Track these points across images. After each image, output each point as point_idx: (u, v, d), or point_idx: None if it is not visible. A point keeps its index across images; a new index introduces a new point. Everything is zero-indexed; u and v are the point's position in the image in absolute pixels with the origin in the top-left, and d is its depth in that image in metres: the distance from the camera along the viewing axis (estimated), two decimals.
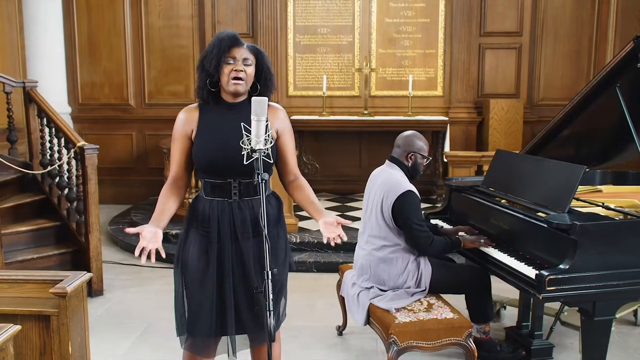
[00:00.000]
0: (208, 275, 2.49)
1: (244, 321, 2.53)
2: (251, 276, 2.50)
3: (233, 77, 2.43)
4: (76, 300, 2.25)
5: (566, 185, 3.19)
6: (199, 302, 2.51)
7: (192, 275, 2.52)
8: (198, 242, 2.53)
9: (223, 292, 2.51)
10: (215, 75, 2.45)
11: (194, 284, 2.52)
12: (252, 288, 2.48)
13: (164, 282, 5.17)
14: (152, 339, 4.02)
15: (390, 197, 3.23)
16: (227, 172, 2.46)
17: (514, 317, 4.09)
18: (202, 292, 2.50)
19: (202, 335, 2.55)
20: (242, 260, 2.50)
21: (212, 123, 2.50)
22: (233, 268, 2.50)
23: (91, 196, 4.62)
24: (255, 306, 2.16)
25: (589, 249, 2.87)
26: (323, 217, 2.42)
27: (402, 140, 3.45)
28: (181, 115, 2.57)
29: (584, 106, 3.64)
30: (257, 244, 2.50)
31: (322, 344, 3.91)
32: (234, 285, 2.50)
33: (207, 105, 2.54)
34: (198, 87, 2.54)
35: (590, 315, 2.95)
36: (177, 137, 2.55)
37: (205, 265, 2.50)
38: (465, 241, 3.41)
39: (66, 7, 7.81)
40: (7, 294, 2.32)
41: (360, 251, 3.48)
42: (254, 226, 2.49)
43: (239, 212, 2.49)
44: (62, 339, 2.20)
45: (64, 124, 4.93)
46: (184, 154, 2.55)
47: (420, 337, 3.01)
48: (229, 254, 2.49)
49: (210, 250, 2.49)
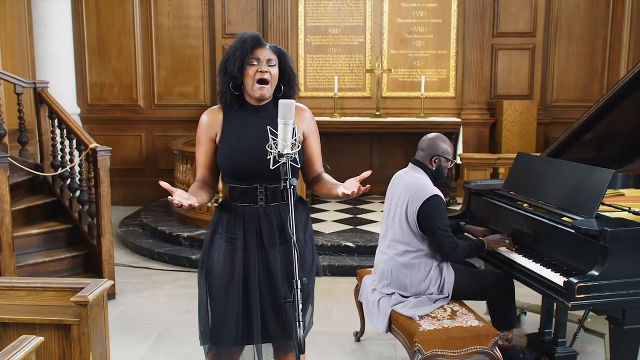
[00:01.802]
0: (233, 283, 2.42)
1: (270, 330, 2.46)
2: (278, 283, 2.43)
3: (258, 79, 2.36)
4: (97, 309, 2.19)
5: (593, 190, 3.11)
6: (224, 310, 2.44)
7: (217, 283, 2.45)
8: (223, 248, 2.46)
9: (249, 300, 2.44)
10: (239, 77, 2.38)
11: (219, 291, 2.45)
12: (279, 296, 2.42)
13: (176, 286, 5.11)
14: (167, 344, 3.95)
15: (415, 202, 3.15)
16: (252, 177, 2.39)
17: (534, 322, 4.02)
18: (227, 300, 2.43)
19: (227, 344, 2.48)
20: (269, 267, 2.43)
21: (236, 126, 2.43)
22: (259, 275, 2.43)
23: (103, 199, 4.56)
24: (284, 316, 2.09)
25: (620, 256, 2.79)
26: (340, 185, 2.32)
27: (426, 143, 3.36)
28: (204, 118, 2.50)
29: (608, 109, 3.56)
30: (283, 251, 2.43)
31: (341, 351, 3.84)
32: (260, 293, 2.43)
33: (230, 108, 2.47)
34: (220, 91, 2.47)
35: (619, 323, 2.87)
36: (201, 140, 2.49)
37: (231, 272, 2.43)
38: (489, 242, 3.34)
39: (75, 7, 7.77)
40: (26, 302, 2.26)
41: (381, 256, 3.40)
42: (280, 232, 2.42)
43: (265, 218, 2.42)
44: (83, 349, 2.13)
45: (76, 126, 4.88)
46: (209, 157, 2.49)
47: (445, 345, 2.94)
48: (255, 261, 2.42)
49: (236, 257, 2.43)
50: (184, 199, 2.19)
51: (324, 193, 2.51)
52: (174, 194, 2.17)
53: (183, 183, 6.40)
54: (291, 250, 2.45)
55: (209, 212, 6.09)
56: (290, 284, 2.44)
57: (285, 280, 2.45)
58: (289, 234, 2.45)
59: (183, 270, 5.49)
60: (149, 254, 5.87)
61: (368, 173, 2.22)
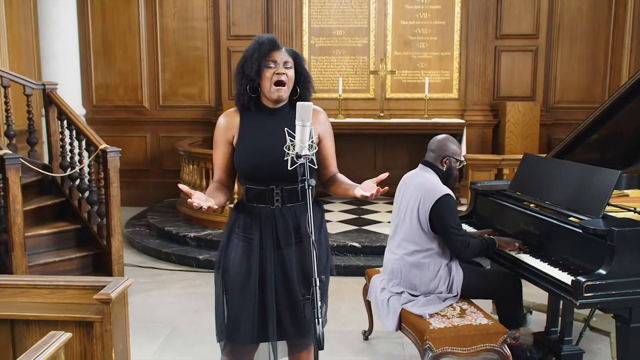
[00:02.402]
0: (250, 282, 2.46)
1: (286, 328, 2.51)
2: (293, 283, 2.48)
3: (275, 81, 2.40)
4: (118, 307, 2.24)
5: (600, 190, 3.16)
6: (240, 309, 2.48)
7: (234, 282, 2.49)
8: (240, 248, 2.50)
9: (265, 299, 2.48)
10: (257, 80, 2.42)
11: (236, 290, 2.49)
12: (294, 295, 2.47)
13: (184, 285, 5.16)
14: (177, 343, 4.00)
15: (427, 201, 3.20)
16: (269, 179, 2.44)
17: (539, 322, 4.07)
18: (243, 299, 2.48)
19: (243, 342, 2.52)
20: (284, 267, 2.48)
21: (253, 129, 2.48)
22: (275, 275, 2.47)
23: (113, 199, 4.61)
24: (303, 314, 2.13)
25: (627, 255, 2.84)
26: (357, 187, 2.37)
27: (436, 144, 3.41)
28: (221, 120, 2.54)
29: (613, 111, 3.61)
30: (299, 251, 2.48)
31: (349, 349, 3.89)
32: (276, 292, 2.48)
33: (247, 110, 2.51)
34: (237, 94, 2.51)
35: (626, 321, 2.92)
36: (218, 143, 2.53)
37: (247, 271, 2.48)
38: (500, 242, 3.39)
39: (81, 9, 7.83)
40: (48, 300, 2.31)
41: (390, 255, 3.45)
42: (296, 233, 2.47)
43: (281, 219, 2.46)
44: (105, 345, 2.18)
45: (85, 127, 4.93)
46: (226, 159, 2.53)
47: (455, 343, 2.99)
48: (271, 261, 2.47)
49: (252, 257, 2.47)
50: (202, 201, 2.23)
51: (340, 194, 2.56)
52: (192, 196, 2.21)
53: (189, 184, 6.46)
54: (306, 250, 2.51)
55: (216, 213, 6.15)
56: (305, 283, 2.49)
57: (301, 279, 2.50)
58: (305, 234, 2.51)
59: (190, 270, 5.54)
60: (156, 254, 5.92)
61: (385, 175, 2.27)
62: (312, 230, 2.11)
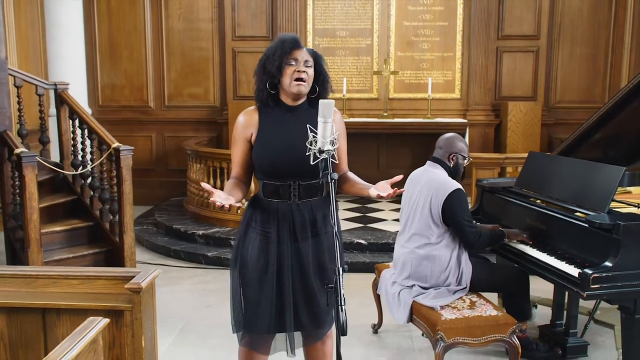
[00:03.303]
0: (267, 274, 2.55)
1: (302, 319, 2.59)
2: (309, 275, 2.57)
3: (296, 78, 2.49)
4: (147, 296, 2.33)
5: (605, 186, 3.26)
6: (258, 300, 2.56)
7: (251, 274, 2.57)
8: (257, 242, 2.58)
9: (282, 291, 2.57)
10: (278, 76, 2.51)
11: (253, 282, 2.57)
12: (310, 286, 2.56)
13: (194, 282, 5.25)
14: (190, 337, 4.09)
15: (440, 196, 3.30)
16: (287, 174, 2.52)
17: (545, 315, 4.17)
18: (261, 291, 2.56)
19: (260, 332, 2.61)
20: (301, 260, 2.56)
21: (272, 126, 2.56)
22: (292, 267, 2.56)
23: (126, 196, 4.70)
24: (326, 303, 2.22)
25: (632, 248, 2.94)
26: (372, 187, 2.46)
27: (444, 141, 3.52)
28: (241, 118, 2.62)
29: (616, 110, 3.71)
30: (315, 244, 2.57)
31: (360, 342, 3.98)
32: (293, 284, 2.56)
33: (266, 107, 2.59)
34: (258, 90, 2.59)
35: (631, 312, 3.02)
36: (237, 140, 2.61)
37: (265, 264, 2.56)
38: (510, 233, 3.50)
39: (87, 10, 7.92)
40: (78, 290, 2.40)
41: (401, 250, 3.55)
42: (312, 226, 2.56)
43: (298, 214, 2.55)
44: (135, 333, 2.27)
45: (98, 126, 5.01)
46: (245, 156, 2.61)
47: (466, 333, 3.09)
48: (288, 254, 2.55)
49: (270, 250, 2.55)
50: (223, 199, 2.31)
51: (353, 192, 2.65)
52: (213, 194, 2.29)
53: (197, 183, 6.55)
54: (321, 243, 2.61)
55: (223, 211, 6.22)
56: (320, 274, 2.59)
57: (316, 271, 2.59)
58: (320, 228, 2.61)
59: (199, 267, 5.64)
60: (164, 252, 6.01)
61: (400, 177, 2.38)
62: (335, 222, 2.20)
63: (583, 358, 3.73)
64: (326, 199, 2.62)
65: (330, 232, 2.62)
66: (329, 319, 2.70)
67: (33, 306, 2.35)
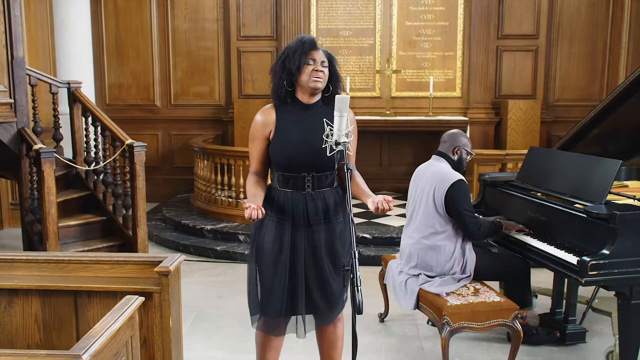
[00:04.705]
0: (281, 259, 2.72)
1: (315, 301, 2.76)
2: (322, 260, 2.73)
3: (313, 76, 2.66)
4: (174, 279, 2.48)
5: (602, 178, 3.42)
6: (272, 284, 2.73)
7: (266, 260, 2.74)
8: (273, 229, 2.74)
9: (295, 275, 2.73)
10: (296, 74, 2.67)
11: (268, 267, 2.74)
12: (323, 271, 2.73)
13: (204, 275, 5.40)
14: (204, 326, 4.25)
15: (442, 186, 3.47)
16: (302, 167, 2.69)
17: (544, 305, 4.33)
18: (275, 274, 2.72)
19: (274, 315, 2.77)
20: (314, 244, 2.73)
21: (289, 123, 2.72)
22: (305, 252, 2.73)
23: (139, 191, 4.86)
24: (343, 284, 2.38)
25: (628, 237, 3.10)
26: (371, 197, 2.64)
27: (448, 136, 3.69)
28: (259, 117, 2.78)
29: (613, 107, 3.87)
30: (327, 230, 2.74)
31: (367, 330, 4.14)
32: (305, 269, 2.73)
33: (283, 105, 2.75)
34: (275, 86, 2.75)
35: (627, 298, 3.18)
36: (256, 138, 2.78)
37: (279, 250, 2.72)
38: (506, 224, 3.67)
39: (95, 10, 8.07)
40: (109, 274, 2.55)
41: (407, 240, 3.71)
42: (325, 214, 2.73)
43: (311, 202, 2.72)
44: (163, 314, 2.43)
45: (111, 123, 5.17)
46: (263, 152, 2.78)
47: (470, 318, 3.25)
48: (302, 240, 2.72)
49: (284, 237, 2.72)
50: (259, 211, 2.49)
51: (353, 192, 2.78)
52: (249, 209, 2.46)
53: (204, 179, 6.71)
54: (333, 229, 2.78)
55: (231, 207, 6.41)
56: (332, 259, 2.76)
57: (328, 256, 2.76)
58: (332, 215, 2.78)
59: (208, 261, 5.79)
60: (174, 246, 6.16)
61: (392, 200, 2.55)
62: (351, 208, 2.37)
63: (582, 344, 3.89)
64: (337, 189, 2.80)
65: (341, 219, 2.80)
66: (341, 303, 2.87)
67: (65, 289, 2.50)
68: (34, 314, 2.55)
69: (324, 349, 3.02)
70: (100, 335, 1.73)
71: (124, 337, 1.92)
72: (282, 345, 2.95)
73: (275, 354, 2.92)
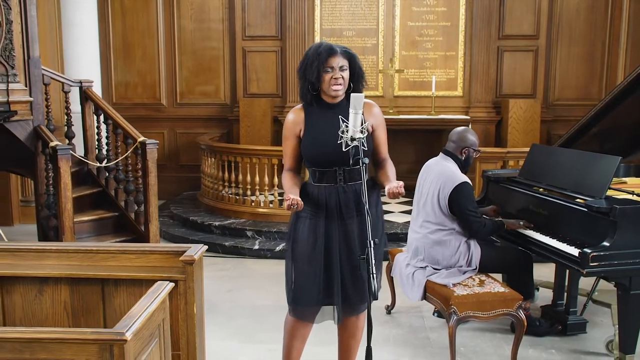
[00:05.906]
0: (316, 250, 2.86)
1: (348, 291, 2.89)
2: (354, 251, 2.87)
3: (333, 83, 2.80)
4: (197, 268, 2.62)
5: (602, 174, 3.56)
6: (307, 274, 2.88)
7: (302, 250, 2.89)
8: (308, 221, 2.90)
9: (330, 266, 2.88)
10: (317, 83, 2.83)
11: (303, 257, 2.89)
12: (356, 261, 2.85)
13: (214, 269, 5.53)
14: (217, 319, 4.38)
15: (447, 188, 3.60)
16: (332, 162, 2.84)
17: (546, 297, 4.46)
18: (310, 265, 2.87)
19: (308, 304, 2.91)
20: (347, 236, 2.87)
21: (317, 122, 2.89)
22: (339, 243, 2.87)
23: (151, 188, 4.98)
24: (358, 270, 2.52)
25: (627, 230, 3.24)
26: (390, 183, 2.79)
27: (456, 135, 3.82)
28: (290, 117, 2.95)
29: (612, 105, 4.02)
30: (359, 222, 2.86)
31: (375, 322, 4.14)
32: (340, 259, 2.87)
33: (310, 106, 2.92)
34: (302, 93, 2.92)
35: (626, 289, 3.32)
36: (288, 136, 2.95)
37: (314, 241, 2.87)
38: (508, 223, 3.80)
39: (101, 10, 8.19)
40: (135, 263, 2.68)
41: (414, 234, 3.85)
42: (357, 206, 2.87)
43: (344, 195, 2.87)
44: (188, 301, 2.56)
45: (123, 121, 5.29)
46: (296, 149, 2.95)
47: (476, 307, 3.39)
48: (335, 232, 2.87)
49: (319, 228, 2.87)
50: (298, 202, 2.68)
51: (380, 179, 2.96)
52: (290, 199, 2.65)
53: (211, 176, 6.85)
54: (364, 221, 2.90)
55: (238, 203, 6.54)
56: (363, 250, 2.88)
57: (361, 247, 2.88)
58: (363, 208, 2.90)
59: (217, 256, 5.92)
60: (182, 242, 6.27)
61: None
62: (367, 200, 2.51)
63: (582, 334, 4.04)
64: (368, 183, 2.92)
65: (374, 213, 2.91)
66: None
67: (94, 277, 2.64)
68: (63, 301, 2.68)
69: (343, 338, 3.16)
70: (140, 316, 1.86)
71: (157, 319, 2.05)
72: (309, 334, 3.08)
73: (302, 342, 3.07)
